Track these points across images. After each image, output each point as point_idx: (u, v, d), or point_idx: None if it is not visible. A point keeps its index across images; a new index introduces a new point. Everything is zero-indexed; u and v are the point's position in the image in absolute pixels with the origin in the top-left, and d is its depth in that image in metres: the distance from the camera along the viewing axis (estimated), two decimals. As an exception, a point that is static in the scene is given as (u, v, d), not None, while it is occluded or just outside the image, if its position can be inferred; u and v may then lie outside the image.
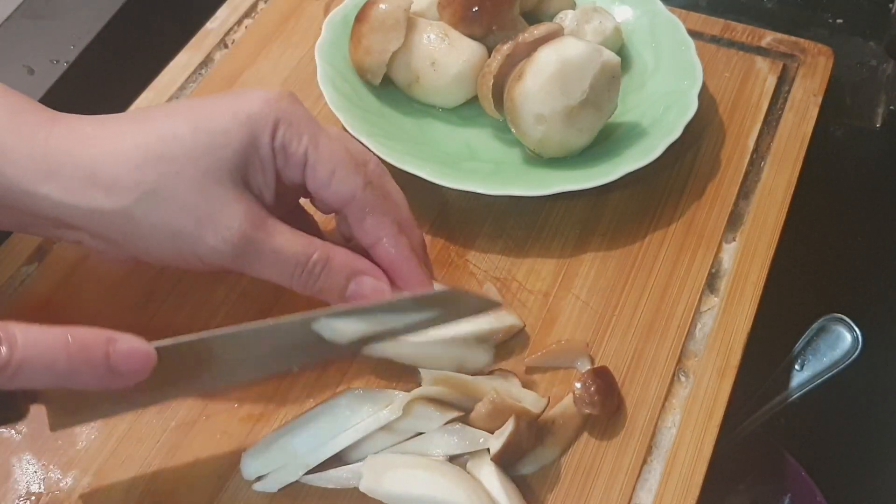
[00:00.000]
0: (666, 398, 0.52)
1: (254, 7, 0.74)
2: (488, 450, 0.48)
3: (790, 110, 0.67)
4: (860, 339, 0.65)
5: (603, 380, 0.50)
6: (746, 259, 0.58)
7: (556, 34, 0.60)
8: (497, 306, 0.52)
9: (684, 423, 0.51)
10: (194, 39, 0.71)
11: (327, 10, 0.71)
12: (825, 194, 0.75)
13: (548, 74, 0.57)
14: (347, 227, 0.50)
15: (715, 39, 0.71)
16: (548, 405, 0.50)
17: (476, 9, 0.62)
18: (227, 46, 0.71)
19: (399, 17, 0.61)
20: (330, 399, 0.49)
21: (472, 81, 0.63)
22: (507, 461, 0.48)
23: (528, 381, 0.52)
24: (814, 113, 0.66)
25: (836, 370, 0.65)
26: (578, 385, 0.50)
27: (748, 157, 0.64)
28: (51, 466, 0.49)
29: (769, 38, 0.71)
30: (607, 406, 0.50)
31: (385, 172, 0.50)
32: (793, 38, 0.71)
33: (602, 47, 0.59)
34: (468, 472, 0.48)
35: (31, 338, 0.39)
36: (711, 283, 0.57)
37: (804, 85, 0.68)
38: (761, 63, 0.69)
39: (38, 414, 0.42)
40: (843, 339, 0.65)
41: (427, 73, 0.63)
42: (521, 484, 0.48)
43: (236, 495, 0.48)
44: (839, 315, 0.66)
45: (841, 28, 0.83)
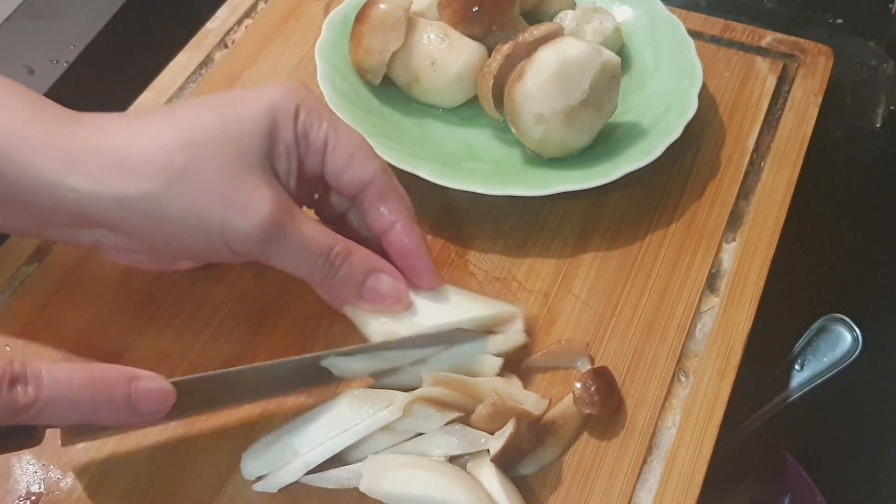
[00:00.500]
0: (666, 398, 0.52)
1: (254, 7, 0.74)
2: (488, 450, 0.48)
3: (790, 110, 0.67)
4: (860, 339, 0.65)
5: (603, 380, 0.50)
6: (746, 259, 0.58)
7: (556, 34, 0.60)
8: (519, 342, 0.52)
9: (684, 423, 0.51)
10: (194, 39, 0.71)
11: (327, 10, 0.71)
12: (825, 194, 0.75)
13: (548, 74, 0.57)
14: (360, 218, 0.50)
15: (715, 39, 0.71)
16: (548, 407, 0.50)
17: (476, 9, 0.62)
18: (227, 46, 0.71)
19: (399, 17, 0.61)
20: (330, 399, 0.49)
21: (472, 81, 0.63)
22: (506, 462, 0.48)
23: (527, 382, 0.52)
24: (814, 113, 0.66)
25: (836, 370, 0.65)
26: (578, 385, 0.50)
27: (748, 157, 0.64)
28: (51, 466, 0.49)
29: (769, 38, 0.71)
30: (607, 406, 0.50)
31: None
32: (793, 38, 0.71)
33: (602, 47, 0.59)
34: (468, 473, 0.48)
35: (56, 377, 0.40)
36: (711, 283, 0.57)
37: (804, 85, 0.68)
38: (761, 63, 0.69)
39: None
40: (843, 339, 0.65)
41: (427, 73, 0.63)
42: (521, 484, 0.48)
43: (236, 495, 0.48)
44: (839, 315, 0.66)
45: (841, 28, 0.83)
